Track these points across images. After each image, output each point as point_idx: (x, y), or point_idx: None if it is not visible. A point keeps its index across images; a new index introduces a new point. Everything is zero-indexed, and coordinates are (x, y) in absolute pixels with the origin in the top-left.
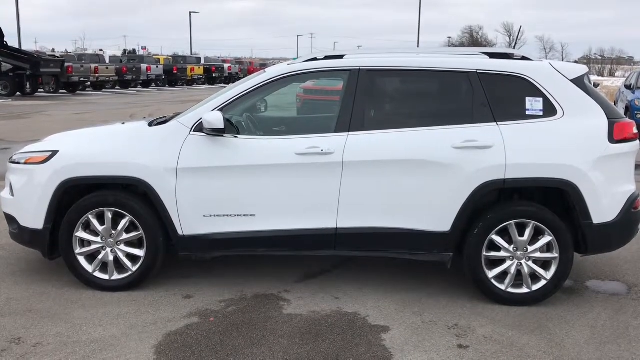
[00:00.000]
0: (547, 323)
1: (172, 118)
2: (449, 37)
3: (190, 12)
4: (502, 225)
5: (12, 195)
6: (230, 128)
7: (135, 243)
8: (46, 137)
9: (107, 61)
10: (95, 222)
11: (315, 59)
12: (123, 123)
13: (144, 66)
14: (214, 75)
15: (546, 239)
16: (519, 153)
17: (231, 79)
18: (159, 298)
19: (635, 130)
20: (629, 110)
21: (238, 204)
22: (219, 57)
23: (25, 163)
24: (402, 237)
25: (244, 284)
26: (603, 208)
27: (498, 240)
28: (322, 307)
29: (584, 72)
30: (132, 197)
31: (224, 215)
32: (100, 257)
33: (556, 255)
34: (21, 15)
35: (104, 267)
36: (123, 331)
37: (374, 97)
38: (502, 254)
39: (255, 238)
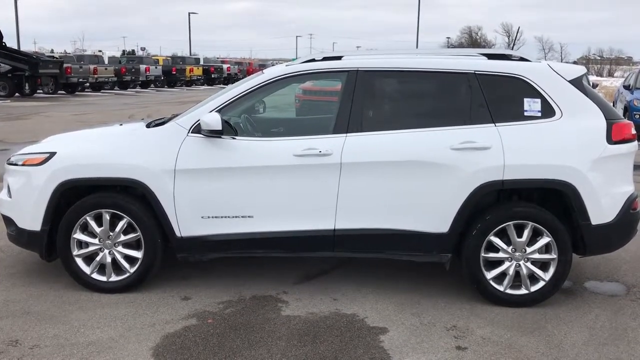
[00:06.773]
0: (546, 324)
1: (170, 119)
2: (448, 38)
3: (189, 13)
4: (500, 227)
5: (10, 196)
6: (229, 129)
7: (133, 245)
8: (44, 139)
9: (106, 62)
10: (93, 223)
11: (313, 60)
12: (121, 124)
13: (142, 67)
14: (213, 76)
15: (545, 240)
16: (517, 154)
17: (230, 79)
18: (156, 300)
19: (633, 131)
20: (628, 110)
21: (236, 205)
22: (218, 58)
23: (23, 164)
24: (401, 239)
25: (242, 285)
26: (602, 209)
27: (496, 241)
28: (320, 308)
29: (582, 73)
30: (130, 198)
31: (222, 217)
32: (98, 258)
33: (555, 256)
34: (20, 15)
35: (101, 268)
36: (121, 333)
37: (372, 98)
38: (500, 255)
39: (254, 239)
